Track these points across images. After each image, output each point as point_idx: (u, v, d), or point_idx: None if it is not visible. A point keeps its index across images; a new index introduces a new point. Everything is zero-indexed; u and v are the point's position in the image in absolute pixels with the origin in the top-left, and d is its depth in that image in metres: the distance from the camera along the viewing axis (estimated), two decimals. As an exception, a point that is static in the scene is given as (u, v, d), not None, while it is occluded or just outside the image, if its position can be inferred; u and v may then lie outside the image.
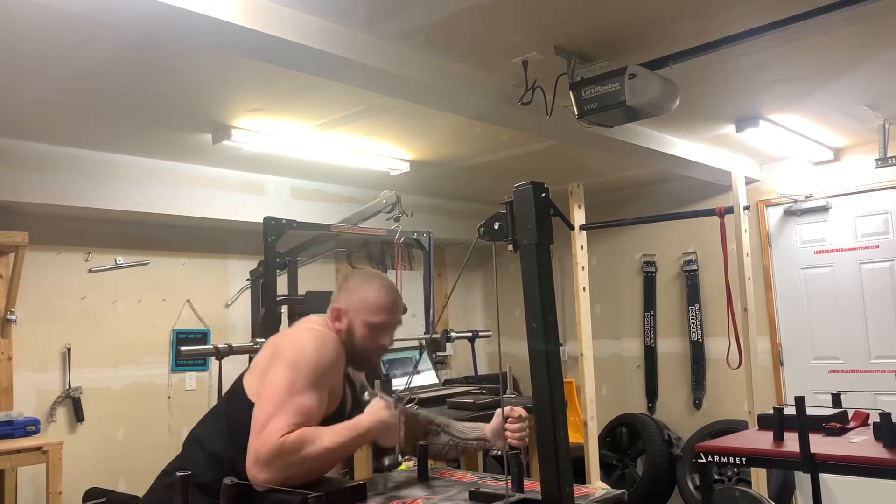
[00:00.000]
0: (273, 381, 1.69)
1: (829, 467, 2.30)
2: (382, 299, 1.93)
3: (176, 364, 4.82)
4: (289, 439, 1.59)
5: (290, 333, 1.86)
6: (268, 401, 1.66)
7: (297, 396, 1.66)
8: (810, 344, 5.03)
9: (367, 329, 1.90)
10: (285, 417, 1.62)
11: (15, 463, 3.65)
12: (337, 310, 1.92)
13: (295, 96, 3.37)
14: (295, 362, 1.71)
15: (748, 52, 3.06)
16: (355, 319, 1.90)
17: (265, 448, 1.57)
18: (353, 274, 2.02)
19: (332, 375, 1.79)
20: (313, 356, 1.73)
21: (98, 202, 4.11)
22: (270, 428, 1.60)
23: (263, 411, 1.64)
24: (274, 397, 1.65)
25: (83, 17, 2.30)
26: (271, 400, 1.65)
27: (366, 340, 1.90)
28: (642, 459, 5.50)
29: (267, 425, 1.61)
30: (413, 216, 4.34)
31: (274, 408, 1.63)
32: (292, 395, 1.65)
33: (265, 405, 1.65)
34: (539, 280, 1.53)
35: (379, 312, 1.91)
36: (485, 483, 1.92)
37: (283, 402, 1.64)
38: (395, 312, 1.96)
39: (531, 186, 1.56)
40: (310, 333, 1.81)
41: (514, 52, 2.94)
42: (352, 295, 1.92)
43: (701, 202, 5.45)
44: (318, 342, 1.78)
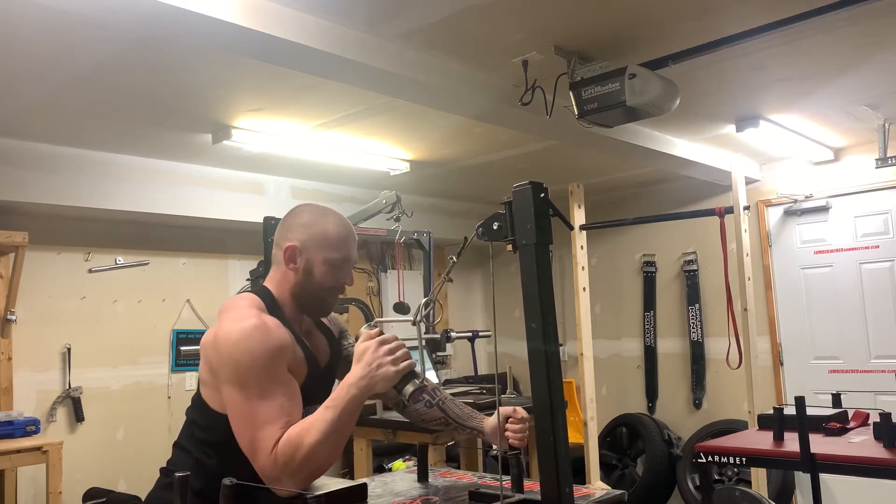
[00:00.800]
0: (231, 405, 1.57)
1: (829, 467, 2.30)
2: (342, 233, 1.76)
3: (176, 364, 4.83)
4: (279, 452, 1.51)
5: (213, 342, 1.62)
6: (239, 427, 1.56)
7: (260, 406, 1.54)
8: (810, 344, 5.03)
9: (327, 266, 1.73)
10: (265, 432, 1.52)
11: (15, 463, 3.65)
12: (292, 248, 1.73)
13: (295, 96, 3.37)
14: (237, 377, 1.56)
15: (748, 52, 3.06)
16: (315, 258, 1.72)
17: (265, 471, 1.52)
18: (301, 208, 1.82)
19: (280, 358, 1.60)
20: (248, 359, 1.55)
21: (98, 202, 4.11)
22: (259, 451, 1.52)
23: (244, 438, 1.55)
24: (242, 421, 1.55)
25: (83, 17, 2.30)
26: (241, 425, 1.55)
27: (325, 278, 1.73)
28: (642, 459, 5.50)
29: (255, 450, 1.53)
30: (413, 216, 4.34)
31: (249, 430, 1.54)
32: (255, 408, 1.54)
33: (240, 433, 1.56)
34: (538, 280, 1.53)
35: (339, 247, 1.74)
36: (485, 483, 1.92)
37: (253, 421, 1.54)
38: (353, 246, 1.80)
39: (530, 186, 1.56)
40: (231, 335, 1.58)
41: (514, 52, 2.94)
42: (307, 230, 1.74)
43: (701, 202, 5.45)
44: (242, 341, 1.57)
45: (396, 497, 1.81)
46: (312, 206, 1.82)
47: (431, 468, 2.11)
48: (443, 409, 1.98)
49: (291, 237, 1.74)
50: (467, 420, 1.99)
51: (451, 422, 1.98)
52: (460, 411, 2.00)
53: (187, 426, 1.77)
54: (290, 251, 1.73)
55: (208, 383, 1.65)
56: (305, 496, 1.44)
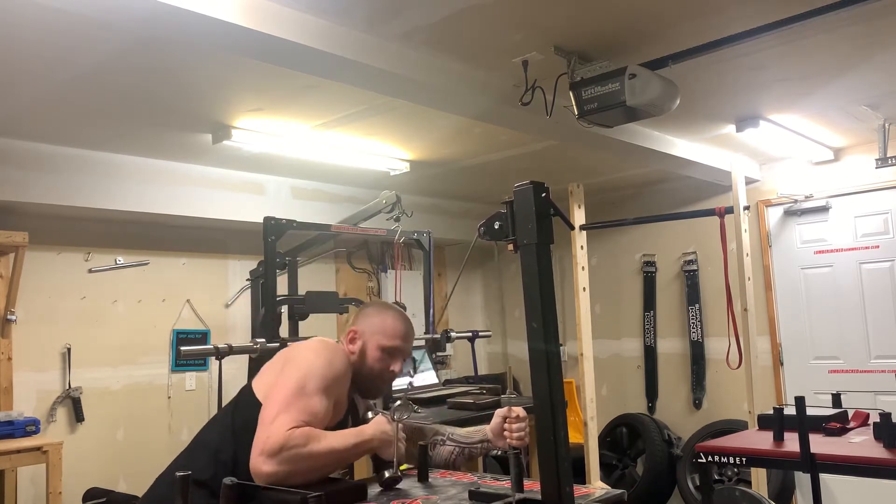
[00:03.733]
0: (284, 382, 1.77)
1: (829, 467, 2.30)
2: (398, 326, 2.05)
3: (176, 364, 4.82)
4: (296, 433, 1.65)
5: (303, 343, 1.94)
6: (277, 399, 1.73)
7: (306, 398, 1.74)
8: (810, 344, 5.03)
9: (380, 352, 2.00)
10: (294, 414, 1.69)
11: (15, 463, 3.65)
12: (353, 331, 2.04)
13: (295, 96, 3.37)
14: (306, 366, 1.80)
15: (748, 52, 3.06)
16: (370, 342, 2.01)
17: (272, 439, 1.64)
18: (371, 302, 2.16)
19: (340, 385, 1.88)
20: (325, 363, 1.83)
21: (98, 202, 4.11)
22: (278, 422, 1.67)
23: (273, 408, 1.71)
24: (284, 396, 1.73)
25: (83, 17, 2.30)
26: (281, 398, 1.73)
27: (377, 363, 2.01)
28: (642, 459, 5.50)
29: (276, 419, 1.68)
30: (413, 216, 4.34)
31: (283, 405, 1.71)
32: (302, 396, 1.74)
33: (275, 403, 1.72)
34: (539, 280, 1.53)
35: (393, 338, 2.02)
36: (485, 483, 1.92)
37: (292, 401, 1.72)
38: (408, 340, 2.07)
39: (531, 186, 1.56)
40: (322, 344, 1.91)
41: (514, 52, 2.94)
42: (369, 319, 2.05)
43: (701, 202, 5.45)
44: (329, 351, 1.88)
45: (396, 497, 1.81)
46: (381, 302, 2.17)
47: (431, 468, 2.11)
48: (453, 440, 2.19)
49: (356, 324, 2.06)
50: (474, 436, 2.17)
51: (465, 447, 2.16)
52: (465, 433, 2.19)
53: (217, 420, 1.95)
54: (351, 334, 2.04)
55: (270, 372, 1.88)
56: (306, 495, 1.44)
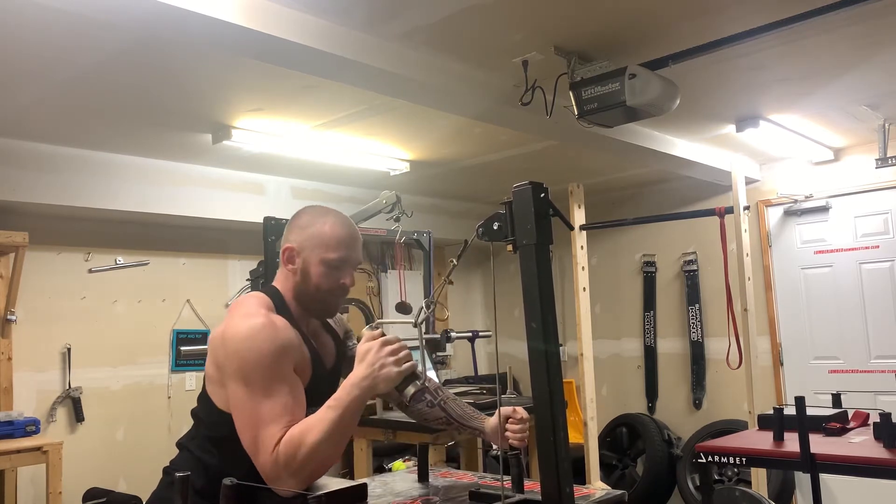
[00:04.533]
0: (235, 401, 1.58)
1: (829, 467, 2.30)
2: (339, 233, 1.75)
3: (176, 364, 4.83)
4: (280, 451, 1.51)
5: (221, 338, 1.64)
6: (242, 424, 1.57)
7: (264, 404, 1.55)
8: (810, 344, 5.03)
9: (324, 267, 1.73)
10: (268, 430, 1.53)
11: (15, 463, 3.65)
12: (289, 249, 1.74)
13: (295, 96, 3.37)
14: (242, 373, 1.56)
15: (748, 52, 3.06)
16: (310, 258, 1.73)
17: (266, 469, 1.52)
18: (302, 210, 1.82)
19: (286, 357, 1.61)
20: (255, 356, 1.56)
21: (98, 202, 4.11)
22: (261, 449, 1.53)
23: (246, 436, 1.56)
24: (245, 418, 1.56)
25: (83, 17, 2.30)
26: (244, 422, 1.56)
27: (322, 279, 1.73)
28: (642, 459, 5.50)
29: (257, 448, 1.54)
30: (413, 216, 4.34)
31: (252, 428, 1.55)
32: (259, 405, 1.55)
33: (243, 429, 1.57)
34: (538, 280, 1.53)
35: (337, 248, 1.74)
36: (485, 483, 1.92)
37: (256, 418, 1.54)
38: (354, 247, 1.79)
39: (530, 187, 1.56)
40: (239, 332, 1.60)
41: (514, 52, 2.94)
42: (304, 231, 1.75)
43: (701, 202, 5.45)
44: (250, 338, 1.58)
45: (396, 497, 1.81)
46: (314, 207, 1.83)
47: (431, 468, 2.11)
48: (444, 408, 2.00)
49: (290, 239, 1.76)
50: (468, 420, 2.01)
51: (453, 421, 2.00)
52: (462, 411, 2.02)
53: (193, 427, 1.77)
54: (287, 252, 1.74)
55: (214, 380, 1.66)
56: (306, 496, 1.44)
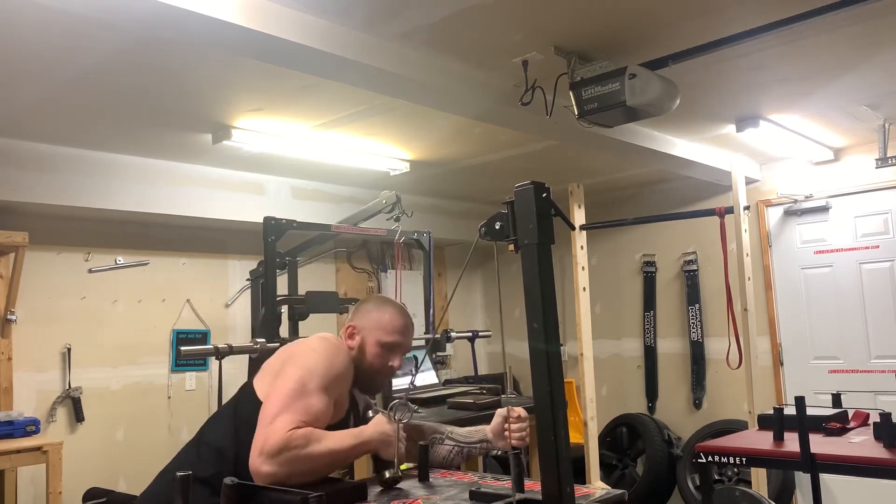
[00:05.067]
0: (284, 381, 1.75)
1: (829, 467, 2.30)
2: (396, 321, 2.02)
3: (176, 364, 4.82)
4: (296, 433, 1.65)
5: (303, 341, 1.93)
6: (278, 398, 1.72)
7: (306, 397, 1.72)
8: (810, 344, 5.03)
9: (378, 348, 1.98)
10: (294, 415, 1.68)
11: (15, 463, 3.65)
12: (352, 327, 2.02)
13: (295, 96, 3.37)
14: (307, 365, 1.78)
15: (748, 52, 3.06)
16: (368, 338, 1.99)
17: (272, 439, 1.63)
18: (369, 297, 2.17)
19: (341, 383, 1.87)
20: (325, 361, 1.81)
21: (98, 202, 4.11)
22: (278, 422, 1.66)
23: (273, 407, 1.70)
24: (284, 395, 1.72)
25: (83, 17, 2.30)
26: (281, 397, 1.71)
27: (376, 359, 1.99)
28: (642, 459, 5.50)
29: (276, 420, 1.66)
30: (413, 216, 4.34)
31: (283, 405, 1.69)
32: (302, 395, 1.72)
33: (275, 402, 1.71)
34: (540, 280, 1.53)
35: (392, 333, 2.00)
36: (485, 483, 1.92)
37: (292, 401, 1.70)
38: (407, 335, 2.04)
39: (532, 186, 1.56)
40: (323, 342, 1.89)
41: (514, 52, 2.94)
42: (367, 315, 2.02)
43: (701, 202, 5.45)
44: (330, 349, 1.86)
45: (396, 497, 1.81)
46: (379, 296, 2.15)
47: (432, 468, 2.11)
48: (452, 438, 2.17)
49: (354, 319, 2.05)
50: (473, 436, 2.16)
51: (464, 447, 2.16)
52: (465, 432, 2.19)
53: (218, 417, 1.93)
54: (349, 329, 2.03)
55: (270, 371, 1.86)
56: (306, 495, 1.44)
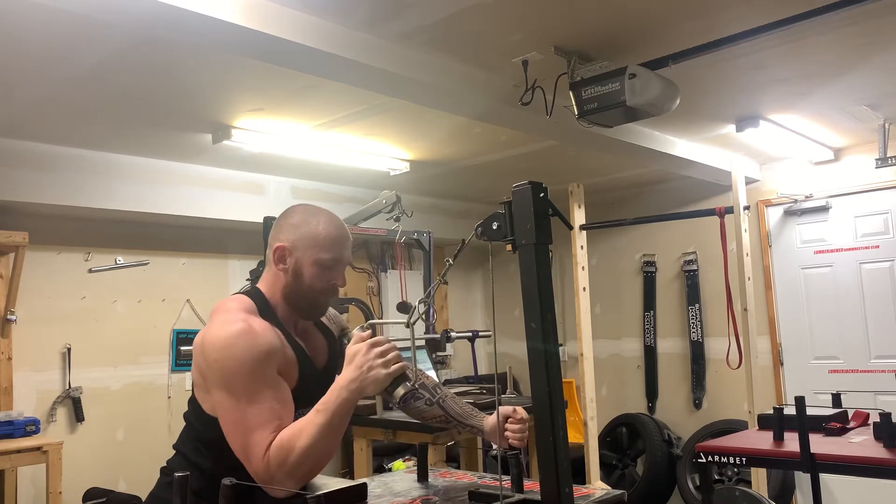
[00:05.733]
0: (221, 409, 1.58)
1: (829, 467, 2.30)
2: (332, 233, 1.74)
3: (176, 364, 4.82)
4: (271, 456, 1.51)
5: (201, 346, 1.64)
6: (230, 431, 1.57)
7: (249, 410, 1.54)
8: (810, 344, 5.03)
9: (316, 267, 1.72)
10: (257, 436, 1.53)
11: (15, 463, 3.65)
12: (281, 248, 1.72)
13: (295, 96, 3.37)
14: (225, 382, 1.56)
15: (748, 52, 3.06)
16: (303, 258, 1.72)
17: (259, 474, 1.52)
18: (293, 208, 1.81)
19: (267, 362, 1.60)
20: (235, 364, 1.56)
21: (98, 202, 4.11)
22: (251, 455, 1.53)
23: (236, 443, 1.56)
24: (232, 425, 1.56)
25: (83, 17, 2.30)
26: (232, 429, 1.56)
27: (315, 279, 1.72)
28: (642, 459, 5.50)
29: (248, 454, 1.54)
30: (413, 216, 4.34)
31: (240, 435, 1.55)
32: (245, 413, 1.54)
33: (231, 437, 1.57)
34: (538, 280, 1.53)
35: (329, 248, 1.72)
36: (485, 483, 1.92)
37: (244, 425, 1.54)
38: (345, 247, 1.77)
39: (530, 186, 1.56)
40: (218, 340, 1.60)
41: (514, 52, 2.94)
42: (297, 230, 1.73)
43: (701, 202, 5.45)
44: (229, 346, 1.58)
45: (396, 497, 1.81)
46: (305, 206, 1.81)
47: (431, 468, 2.11)
48: (443, 406, 2.00)
49: (282, 237, 1.74)
50: (467, 418, 2.01)
51: (451, 420, 2.00)
52: (461, 409, 2.02)
53: (184, 430, 1.77)
54: (279, 252, 1.73)
55: (199, 385, 1.66)
56: (305, 496, 1.44)
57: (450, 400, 2.02)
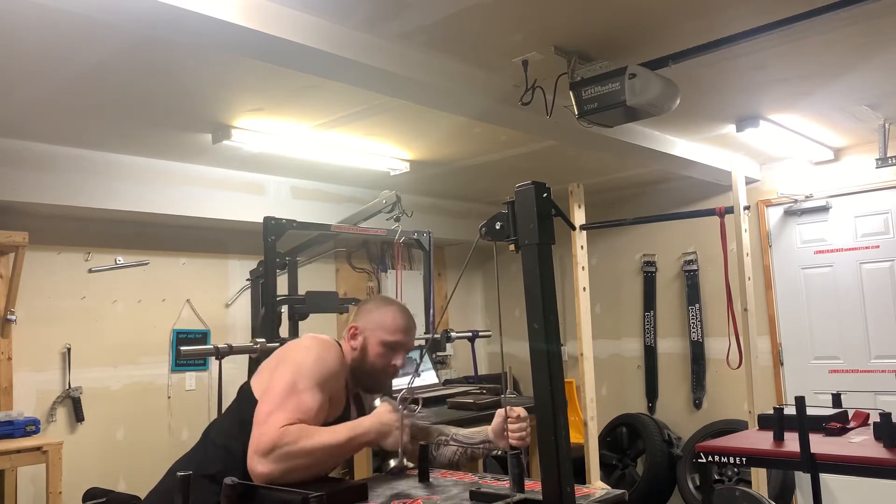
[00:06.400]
0: (276, 381, 1.78)
1: (829, 467, 2.30)
2: (398, 321, 2.04)
3: (176, 364, 4.82)
4: (288, 430, 1.67)
5: (296, 341, 1.96)
6: (270, 398, 1.74)
7: (298, 395, 1.75)
8: (810, 344, 5.03)
9: (381, 348, 2.00)
10: (286, 413, 1.71)
11: (15, 463, 3.65)
12: (354, 328, 2.04)
13: (295, 96, 3.37)
14: (298, 364, 1.81)
15: (748, 52, 3.06)
16: (371, 338, 2.01)
17: (265, 438, 1.66)
18: (371, 297, 2.18)
19: (334, 381, 1.88)
20: (315, 359, 1.84)
21: (98, 202, 4.11)
22: (271, 420, 1.68)
23: (265, 407, 1.73)
24: (276, 394, 1.74)
25: (83, 17, 2.30)
26: (273, 397, 1.74)
27: (378, 359, 2.00)
28: (642, 459, 5.50)
29: (268, 418, 1.69)
30: (413, 216, 4.34)
31: (276, 404, 1.72)
32: (294, 393, 1.74)
33: (267, 402, 1.74)
34: (541, 280, 1.53)
35: (394, 332, 2.02)
36: (486, 483, 1.92)
37: (285, 399, 1.73)
38: (409, 334, 2.06)
39: (533, 186, 1.56)
40: (314, 341, 1.91)
41: (514, 52, 2.94)
42: (369, 315, 2.04)
43: (701, 202, 5.45)
44: (321, 348, 1.88)
45: (396, 497, 1.81)
46: (381, 296, 2.17)
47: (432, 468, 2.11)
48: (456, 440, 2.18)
49: (356, 320, 2.06)
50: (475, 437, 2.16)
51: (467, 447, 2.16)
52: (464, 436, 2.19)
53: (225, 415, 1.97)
54: (352, 331, 2.04)
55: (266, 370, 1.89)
56: (306, 495, 1.44)
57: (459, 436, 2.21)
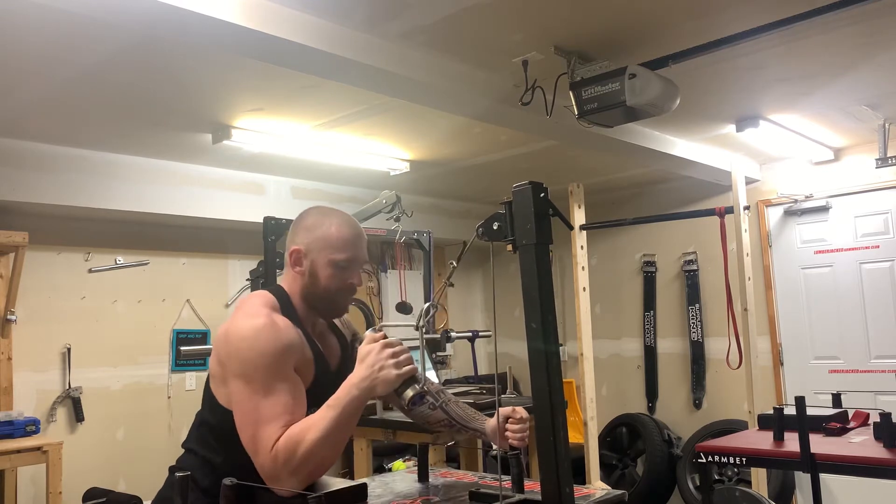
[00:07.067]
0: (236, 399, 1.60)
1: (829, 467, 2.30)
2: (346, 233, 1.76)
3: (176, 364, 4.83)
4: (279, 449, 1.52)
5: (224, 336, 1.66)
6: (242, 422, 1.58)
7: (264, 402, 1.57)
8: (810, 344, 5.03)
9: (331, 269, 1.74)
10: (267, 429, 1.54)
11: (15, 463, 3.65)
12: (297, 251, 1.76)
13: (295, 96, 3.37)
14: (243, 372, 1.59)
15: (748, 52, 3.06)
16: (318, 260, 1.74)
17: (265, 467, 1.52)
18: (307, 211, 1.83)
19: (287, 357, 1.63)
20: (256, 355, 1.59)
21: (98, 202, 4.11)
22: (259, 448, 1.54)
23: (245, 433, 1.57)
24: (245, 416, 1.58)
25: (83, 17, 2.30)
26: (244, 420, 1.58)
27: (331, 280, 1.75)
28: (642, 459, 5.50)
29: (256, 446, 1.55)
30: (413, 216, 4.34)
31: (251, 426, 1.56)
32: (259, 404, 1.57)
33: (242, 427, 1.58)
34: (538, 280, 1.53)
35: (343, 248, 1.75)
36: (485, 483, 1.92)
37: (255, 416, 1.56)
38: (360, 247, 1.79)
39: (530, 186, 1.56)
40: (242, 330, 1.63)
41: (514, 52, 2.94)
42: (311, 233, 1.76)
43: (701, 202, 5.45)
44: (252, 337, 1.61)
45: (396, 497, 1.81)
46: (318, 208, 1.84)
47: (431, 468, 2.11)
48: (446, 410, 2.00)
49: (297, 241, 1.77)
50: (470, 422, 2.02)
51: (454, 423, 2.01)
52: (463, 413, 2.03)
53: (196, 426, 1.78)
54: (294, 255, 1.76)
55: (217, 376, 1.68)
56: (306, 496, 1.44)
57: (452, 404, 2.03)
